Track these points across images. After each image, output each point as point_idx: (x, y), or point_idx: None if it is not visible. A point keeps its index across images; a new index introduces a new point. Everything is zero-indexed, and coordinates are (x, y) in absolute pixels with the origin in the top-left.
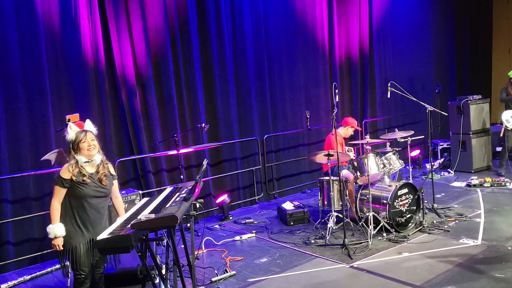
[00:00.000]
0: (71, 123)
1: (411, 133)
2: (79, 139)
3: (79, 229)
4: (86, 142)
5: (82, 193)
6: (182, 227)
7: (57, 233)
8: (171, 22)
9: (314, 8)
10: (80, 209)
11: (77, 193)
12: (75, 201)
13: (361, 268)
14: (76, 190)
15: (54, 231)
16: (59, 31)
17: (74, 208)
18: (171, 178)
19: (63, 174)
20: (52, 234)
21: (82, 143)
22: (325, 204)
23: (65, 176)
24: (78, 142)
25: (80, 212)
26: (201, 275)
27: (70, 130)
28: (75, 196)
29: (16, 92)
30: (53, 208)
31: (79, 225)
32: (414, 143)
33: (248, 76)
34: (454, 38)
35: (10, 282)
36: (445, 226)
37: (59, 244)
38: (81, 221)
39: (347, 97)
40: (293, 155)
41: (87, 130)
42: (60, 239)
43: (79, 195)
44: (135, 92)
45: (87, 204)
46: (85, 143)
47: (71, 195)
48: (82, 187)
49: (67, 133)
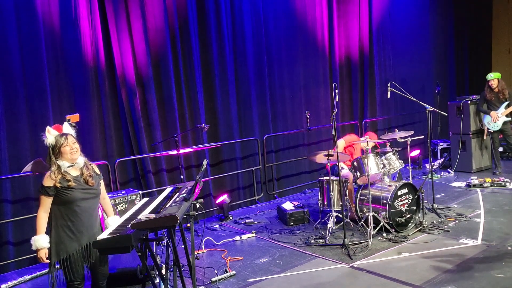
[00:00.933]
0: (48, 127)
1: (411, 133)
2: (60, 144)
3: (74, 236)
4: (68, 145)
5: (70, 198)
6: (182, 227)
7: (42, 245)
8: (171, 22)
9: (314, 8)
10: (72, 215)
11: (65, 199)
12: (64, 208)
13: (361, 268)
14: (63, 197)
15: (38, 242)
16: (59, 31)
17: (66, 215)
18: (171, 178)
19: (46, 182)
20: (35, 246)
21: (63, 147)
22: (325, 204)
23: (48, 184)
24: (60, 146)
25: (72, 218)
26: (201, 275)
27: (48, 134)
28: (64, 203)
29: (16, 92)
30: (39, 218)
31: (73, 232)
32: (414, 143)
33: (248, 76)
34: (454, 38)
35: (10, 282)
36: (445, 226)
37: (42, 257)
38: (74, 227)
39: (347, 97)
40: (293, 155)
41: (67, 133)
42: (43, 251)
43: (67, 201)
44: (135, 92)
45: (78, 209)
46: (67, 147)
47: (59, 202)
48: (69, 192)
49: (45, 137)
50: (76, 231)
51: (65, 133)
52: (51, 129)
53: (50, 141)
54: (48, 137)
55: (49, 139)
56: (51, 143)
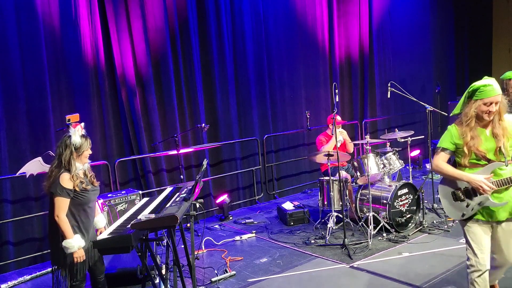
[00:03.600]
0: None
1: (411, 133)
2: (85, 147)
3: (83, 236)
4: (88, 150)
5: (86, 200)
6: (182, 227)
7: (80, 244)
8: (171, 22)
9: (314, 8)
10: (83, 215)
11: (81, 201)
12: (76, 209)
13: (361, 268)
14: (80, 199)
15: (76, 243)
16: (59, 31)
17: (77, 216)
18: (171, 178)
19: (67, 184)
20: (76, 247)
21: (86, 151)
22: (325, 204)
23: (69, 186)
24: (84, 150)
25: (83, 219)
26: (201, 275)
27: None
28: (78, 204)
29: (16, 92)
30: (63, 222)
31: (83, 232)
32: (414, 143)
33: (248, 76)
34: (454, 38)
35: (10, 282)
36: (445, 226)
37: (81, 256)
38: (83, 227)
39: (347, 97)
40: (293, 155)
41: (88, 136)
42: (81, 251)
43: (83, 203)
44: (135, 92)
45: (89, 209)
46: (87, 152)
47: (73, 204)
48: (85, 195)
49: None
50: (85, 231)
51: (86, 136)
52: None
53: (77, 141)
54: (76, 137)
55: (77, 139)
56: (78, 144)
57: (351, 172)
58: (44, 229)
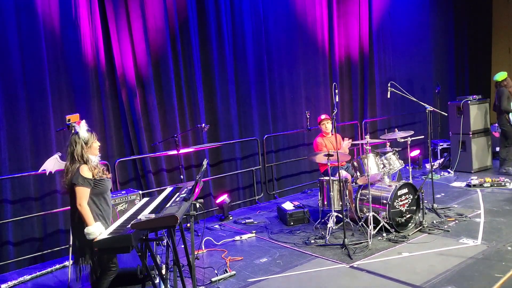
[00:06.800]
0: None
1: (411, 133)
2: (92, 140)
3: (105, 224)
4: (96, 142)
5: (105, 188)
6: (182, 227)
7: (101, 231)
8: (171, 22)
9: (314, 8)
10: (103, 203)
11: (100, 189)
12: (97, 198)
13: (361, 268)
14: (99, 188)
15: (98, 229)
16: (59, 31)
17: (100, 205)
18: (171, 178)
19: (87, 174)
20: (97, 233)
21: (94, 143)
22: (325, 204)
23: (88, 175)
24: (92, 142)
25: (104, 207)
26: (201, 275)
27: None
28: (98, 193)
29: (16, 92)
30: (85, 210)
31: (105, 219)
32: (414, 143)
33: (248, 76)
34: (454, 38)
35: (10, 282)
36: (445, 226)
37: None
38: (105, 214)
39: (347, 97)
40: (293, 155)
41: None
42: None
43: (102, 191)
44: (135, 92)
45: (107, 197)
46: (95, 143)
47: (93, 193)
48: (103, 183)
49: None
50: (107, 218)
51: (91, 130)
52: (83, 124)
53: (84, 135)
54: (82, 131)
55: (84, 133)
56: (85, 137)
57: (350, 172)
58: (44, 229)
